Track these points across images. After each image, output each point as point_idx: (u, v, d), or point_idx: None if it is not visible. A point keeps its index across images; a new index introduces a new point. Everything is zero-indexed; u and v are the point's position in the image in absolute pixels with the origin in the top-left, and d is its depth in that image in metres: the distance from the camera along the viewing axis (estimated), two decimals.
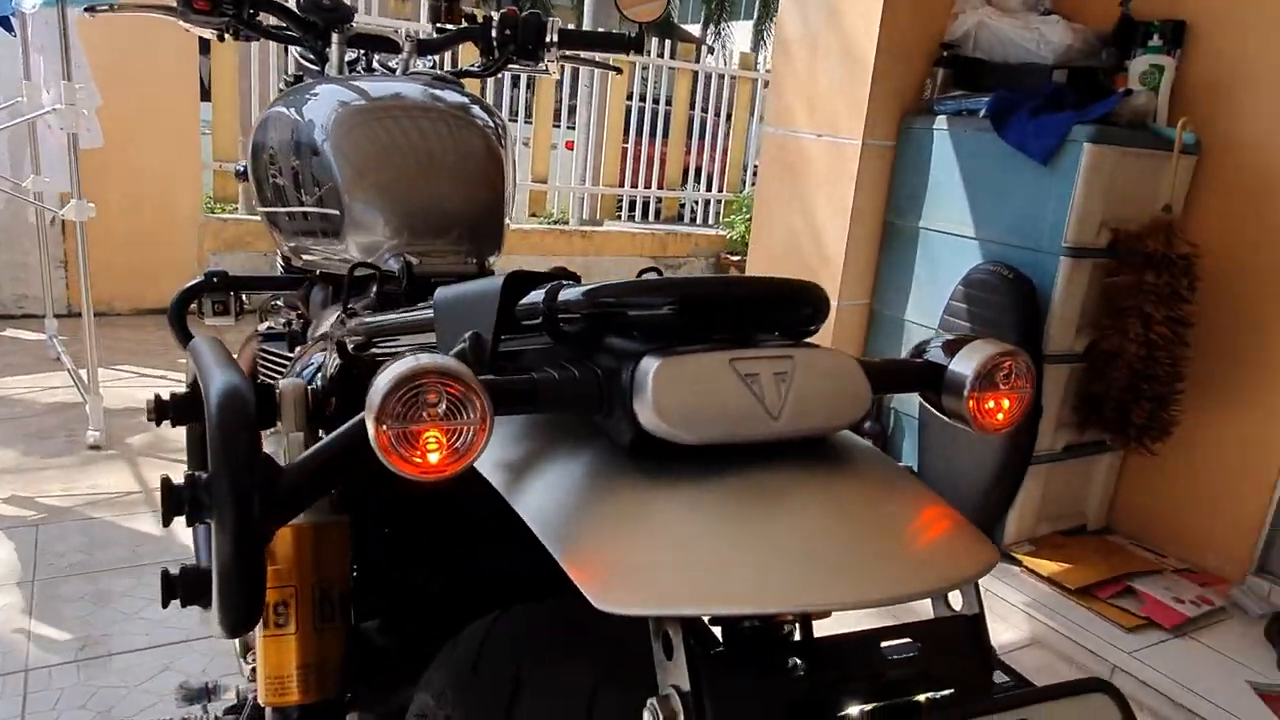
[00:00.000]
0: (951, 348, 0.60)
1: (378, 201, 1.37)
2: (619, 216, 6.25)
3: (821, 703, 0.46)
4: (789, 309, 0.55)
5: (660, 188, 6.29)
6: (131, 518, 2.49)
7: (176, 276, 1.82)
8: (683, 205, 6.55)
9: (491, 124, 1.49)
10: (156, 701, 1.74)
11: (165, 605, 0.61)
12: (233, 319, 1.75)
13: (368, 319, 0.85)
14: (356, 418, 0.57)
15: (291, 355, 1.57)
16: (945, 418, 0.60)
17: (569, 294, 0.56)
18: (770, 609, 0.43)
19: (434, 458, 0.49)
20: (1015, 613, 2.42)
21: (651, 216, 6.32)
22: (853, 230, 2.95)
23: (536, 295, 0.59)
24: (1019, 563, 2.57)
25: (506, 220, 1.49)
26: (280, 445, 0.80)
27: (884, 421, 2.99)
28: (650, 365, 0.52)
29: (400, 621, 0.99)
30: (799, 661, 0.47)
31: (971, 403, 0.57)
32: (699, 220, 6.50)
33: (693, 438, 0.51)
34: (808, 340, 0.57)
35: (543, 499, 0.54)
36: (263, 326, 1.75)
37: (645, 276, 0.56)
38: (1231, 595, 2.48)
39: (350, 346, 0.84)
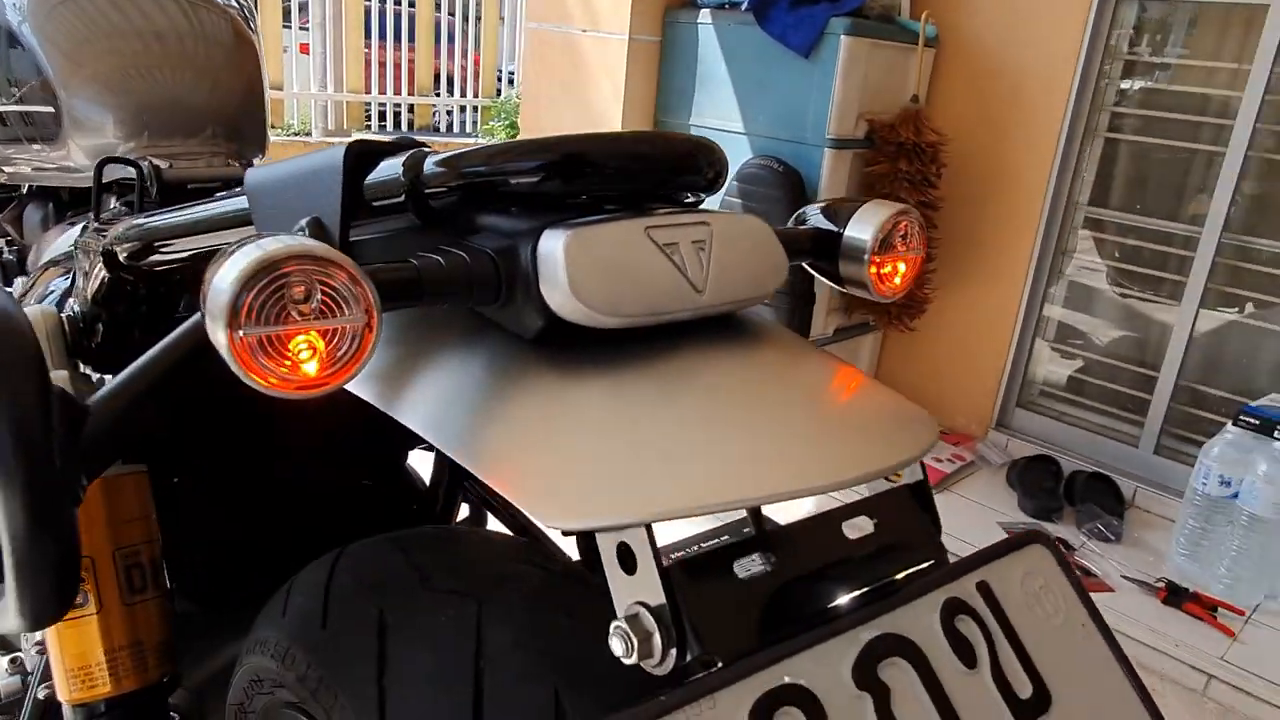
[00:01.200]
0: (839, 212, 0.57)
1: (104, 96, 1.14)
2: (368, 127, 5.83)
3: (797, 596, 0.42)
4: (693, 170, 0.49)
5: (411, 94, 5.91)
6: None
7: None
8: (437, 113, 6.20)
9: (234, 2, 1.28)
10: None
11: None
12: None
13: (142, 220, 0.68)
14: (186, 325, 0.44)
15: (8, 289, 1.30)
16: (839, 287, 0.57)
17: (435, 163, 0.47)
18: (747, 501, 0.38)
19: (311, 368, 0.39)
20: None
21: (405, 126, 5.95)
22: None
23: (390, 168, 0.48)
24: None
25: (268, 114, 1.31)
26: None
27: None
28: (557, 240, 0.44)
29: (210, 578, 0.85)
30: (770, 555, 0.43)
31: (873, 269, 0.55)
32: (456, 129, 6.20)
33: (615, 320, 0.44)
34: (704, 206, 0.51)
35: (439, 410, 0.45)
36: None
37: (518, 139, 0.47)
38: (978, 450, 2.79)
39: (122, 255, 0.68)
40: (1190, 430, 2.58)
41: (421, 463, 1.09)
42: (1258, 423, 2.13)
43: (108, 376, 0.82)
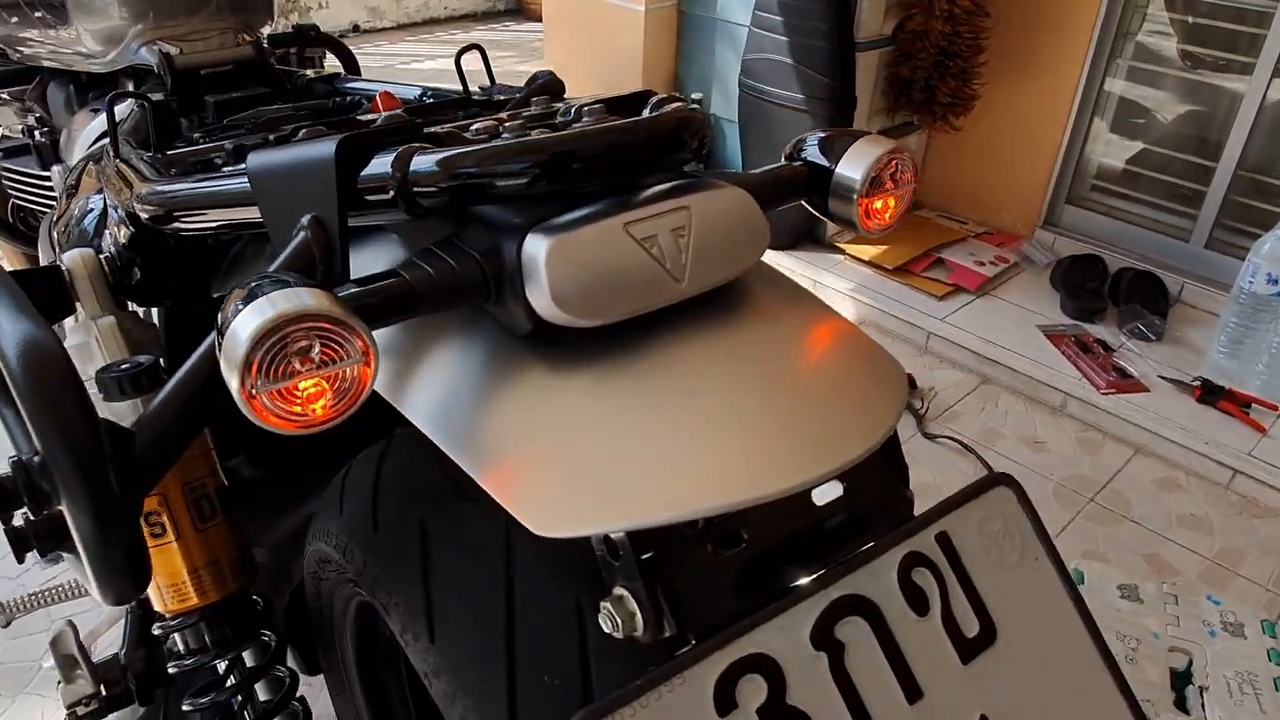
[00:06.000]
0: (833, 147, 0.56)
1: None
2: None
3: (767, 572, 0.47)
4: (678, 148, 0.49)
5: None
6: None
7: None
8: None
9: None
10: None
11: (21, 560, 0.54)
12: None
13: (164, 187, 0.69)
14: (203, 351, 0.48)
15: (45, 174, 1.34)
16: (829, 220, 0.58)
17: (423, 163, 0.48)
18: (726, 506, 0.41)
19: (317, 409, 0.43)
20: (841, 299, 2.61)
21: None
22: None
23: (382, 164, 0.49)
24: (842, 252, 2.73)
25: None
26: (89, 335, 0.69)
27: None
28: (539, 246, 0.46)
29: (266, 450, 0.94)
30: (742, 534, 0.47)
31: (861, 207, 0.55)
32: None
33: (595, 320, 0.47)
34: (690, 176, 0.51)
35: (439, 406, 0.49)
36: None
37: (502, 136, 0.47)
38: (1023, 250, 2.75)
39: (144, 216, 0.71)
40: (1245, 222, 2.50)
41: None
42: None
43: (155, 310, 0.88)
